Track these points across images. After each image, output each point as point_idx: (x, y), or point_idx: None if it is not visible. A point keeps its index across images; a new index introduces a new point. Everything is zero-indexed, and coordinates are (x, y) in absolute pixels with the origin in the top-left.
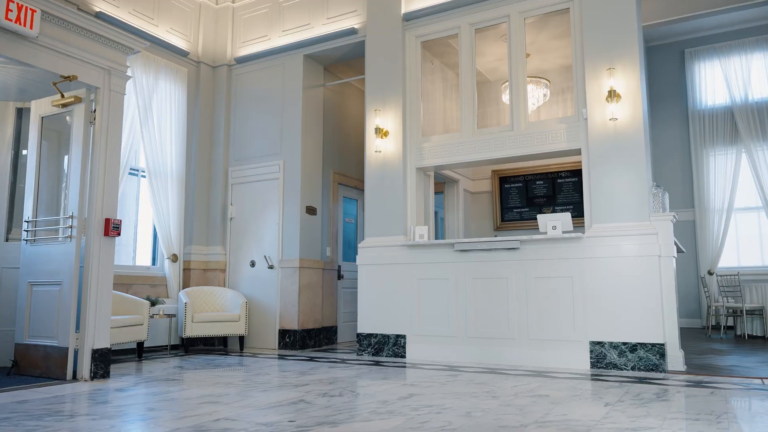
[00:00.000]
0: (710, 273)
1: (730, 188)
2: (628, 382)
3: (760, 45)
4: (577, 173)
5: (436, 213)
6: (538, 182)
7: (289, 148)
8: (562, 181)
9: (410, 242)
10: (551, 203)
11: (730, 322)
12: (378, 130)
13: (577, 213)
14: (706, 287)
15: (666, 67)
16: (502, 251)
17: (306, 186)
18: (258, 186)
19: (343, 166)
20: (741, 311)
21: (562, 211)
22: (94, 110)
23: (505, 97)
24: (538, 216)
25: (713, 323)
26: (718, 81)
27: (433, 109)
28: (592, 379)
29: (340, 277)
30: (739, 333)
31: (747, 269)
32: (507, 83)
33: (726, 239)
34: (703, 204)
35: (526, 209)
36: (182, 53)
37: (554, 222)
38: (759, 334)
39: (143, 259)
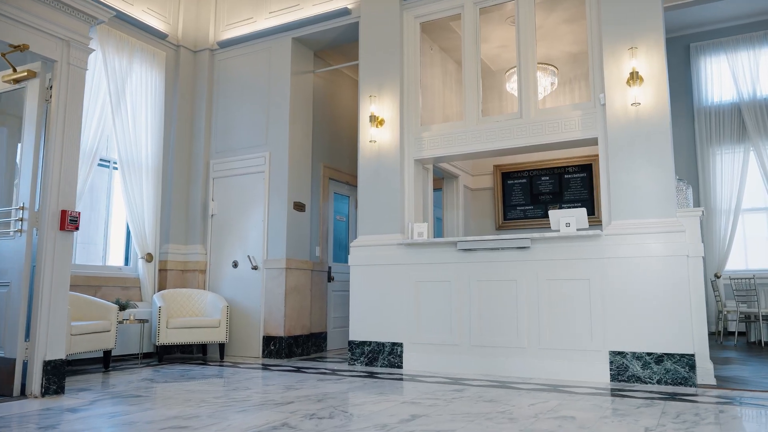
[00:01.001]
0: (717, 276)
1: (737, 188)
2: (659, 398)
3: None
4: (586, 168)
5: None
6: (543, 178)
7: (275, 139)
8: (570, 176)
9: (408, 241)
10: (558, 200)
11: (741, 328)
12: (373, 118)
13: (587, 211)
14: (717, 291)
15: (671, 61)
16: (511, 251)
17: (294, 180)
18: (242, 180)
19: (334, 160)
20: (756, 317)
21: (569, 208)
22: (50, 86)
23: (509, 86)
24: (550, 212)
25: (722, 329)
26: (724, 76)
27: (432, 98)
28: (617, 395)
29: (330, 279)
30: (752, 339)
31: (757, 272)
32: (511, 71)
33: (733, 241)
34: (709, 204)
35: (530, 207)
36: (160, 35)
37: (568, 218)
38: None
39: (116, 258)
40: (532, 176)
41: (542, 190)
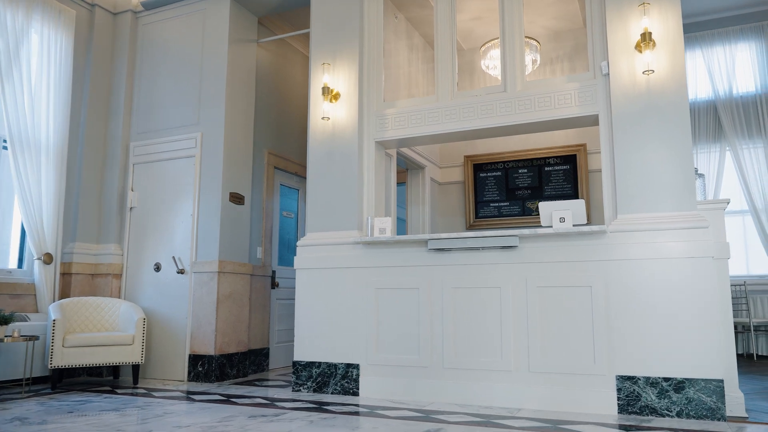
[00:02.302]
0: None
1: (713, 189)
2: None
3: (745, 34)
4: (570, 159)
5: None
6: (520, 170)
7: (209, 119)
8: (551, 168)
9: (367, 239)
10: (537, 195)
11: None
12: (326, 91)
13: None
14: None
15: None
16: (494, 251)
17: (230, 167)
18: (168, 166)
19: (281, 148)
20: (746, 327)
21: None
22: None
23: (485, 64)
24: (540, 204)
25: None
26: (700, 73)
27: (397, 75)
28: None
29: (274, 285)
30: (740, 352)
31: (748, 279)
32: (488, 44)
33: None
34: None
35: (505, 203)
36: None
37: (562, 212)
38: (766, 354)
39: (8, 260)
40: (508, 168)
41: (519, 184)
